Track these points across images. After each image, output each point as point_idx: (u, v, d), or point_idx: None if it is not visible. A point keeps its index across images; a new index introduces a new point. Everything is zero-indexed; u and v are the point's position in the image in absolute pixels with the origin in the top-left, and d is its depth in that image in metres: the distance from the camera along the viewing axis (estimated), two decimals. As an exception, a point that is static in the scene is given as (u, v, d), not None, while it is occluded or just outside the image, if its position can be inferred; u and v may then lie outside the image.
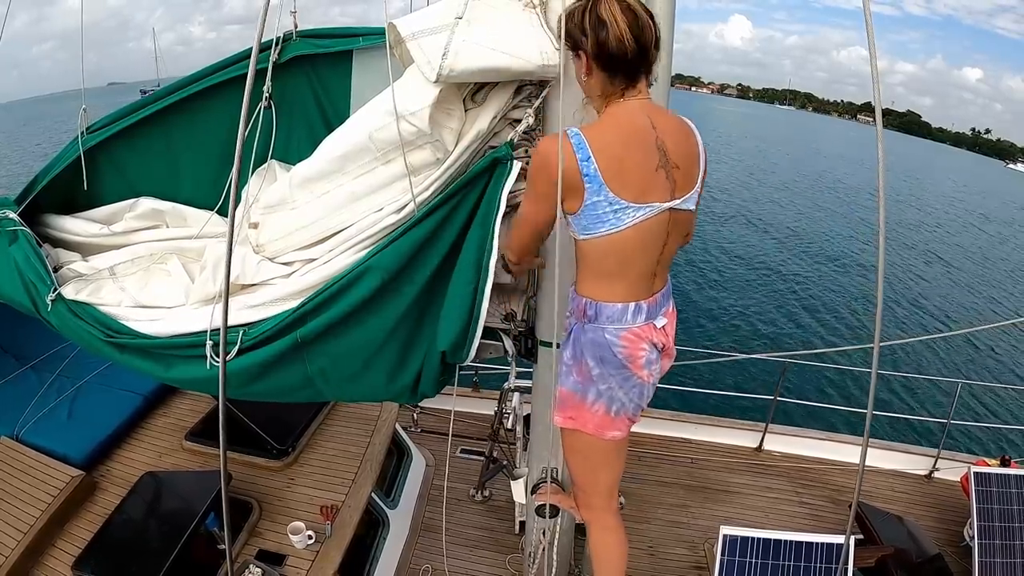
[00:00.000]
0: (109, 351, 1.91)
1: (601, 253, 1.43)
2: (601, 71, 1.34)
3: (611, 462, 1.77)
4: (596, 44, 1.30)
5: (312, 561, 2.74)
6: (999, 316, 14.81)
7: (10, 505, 2.76)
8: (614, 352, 1.49)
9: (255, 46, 1.06)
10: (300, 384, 1.84)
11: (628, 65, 1.33)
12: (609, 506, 1.85)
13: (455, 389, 4.74)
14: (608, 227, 1.36)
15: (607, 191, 1.32)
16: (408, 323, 1.74)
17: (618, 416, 1.59)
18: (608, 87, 1.37)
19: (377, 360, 1.78)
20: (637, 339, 1.49)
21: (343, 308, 1.68)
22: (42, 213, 2.25)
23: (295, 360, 1.78)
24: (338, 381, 1.84)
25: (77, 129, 2.20)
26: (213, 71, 2.16)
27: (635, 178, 1.34)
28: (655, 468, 4.53)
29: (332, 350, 1.77)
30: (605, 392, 1.55)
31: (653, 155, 1.35)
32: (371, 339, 1.74)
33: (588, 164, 1.31)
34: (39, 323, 1.97)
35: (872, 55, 1.05)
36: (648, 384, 1.57)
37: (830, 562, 2.93)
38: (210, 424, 3.47)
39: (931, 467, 4.63)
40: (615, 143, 1.33)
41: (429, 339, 1.76)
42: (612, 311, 1.48)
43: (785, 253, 18.67)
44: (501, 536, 3.86)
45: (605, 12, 1.27)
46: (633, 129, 1.35)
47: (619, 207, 1.34)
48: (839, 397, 9.36)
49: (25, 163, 27.74)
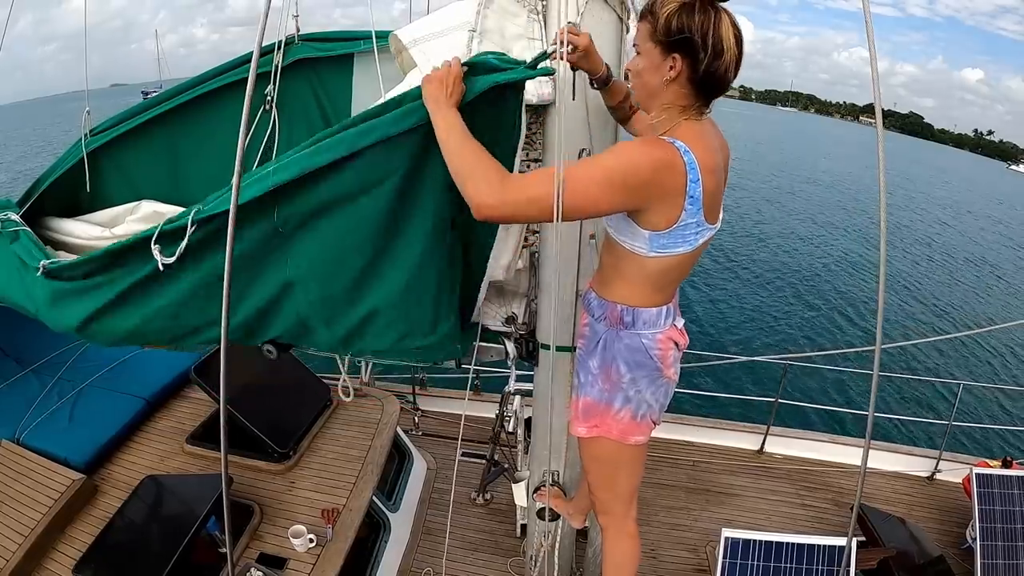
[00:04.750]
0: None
1: (667, 268, 1.40)
2: (693, 87, 1.27)
3: (633, 467, 1.76)
4: (708, 66, 1.22)
5: (313, 564, 2.74)
6: (1001, 318, 14.79)
7: (11, 508, 2.76)
8: (651, 355, 1.50)
9: (256, 49, 1.07)
10: (276, 294, 1.59)
11: (720, 91, 1.29)
12: (629, 513, 1.84)
13: (467, 393, 4.76)
14: (688, 247, 1.33)
15: (701, 215, 1.29)
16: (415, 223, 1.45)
17: (643, 420, 1.59)
18: (690, 102, 1.30)
19: (374, 275, 1.51)
20: (669, 340, 1.52)
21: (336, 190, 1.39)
22: (44, 216, 2.25)
23: (272, 251, 1.51)
24: (329, 302, 1.59)
25: (81, 131, 2.20)
26: (216, 74, 2.18)
27: (716, 202, 1.34)
28: (656, 470, 4.53)
29: (319, 245, 1.48)
30: (634, 397, 1.55)
31: (722, 178, 1.38)
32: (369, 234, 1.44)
33: (696, 187, 1.24)
34: (41, 326, 1.96)
35: (872, 56, 1.05)
36: (672, 383, 1.60)
37: (832, 564, 2.92)
38: (211, 428, 3.47)
39: (933, 469, 4.62)
40: (708, 163, 1.27)
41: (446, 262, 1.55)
42: (648, 316, 1.48)
43: (786, 255, 18.65)
44: (502, 539, 3.86)
45: (726, 36, 1.19)
46: (713, 153, 1.30)
47: (701, 229, 1.32)
48: (841, 399, 9.35)
49: (26, 164, 27.79)
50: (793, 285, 15.58)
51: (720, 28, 1.19)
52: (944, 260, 21.25)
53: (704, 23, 1.19)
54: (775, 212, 25.36)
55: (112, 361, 3.81)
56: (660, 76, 1.27)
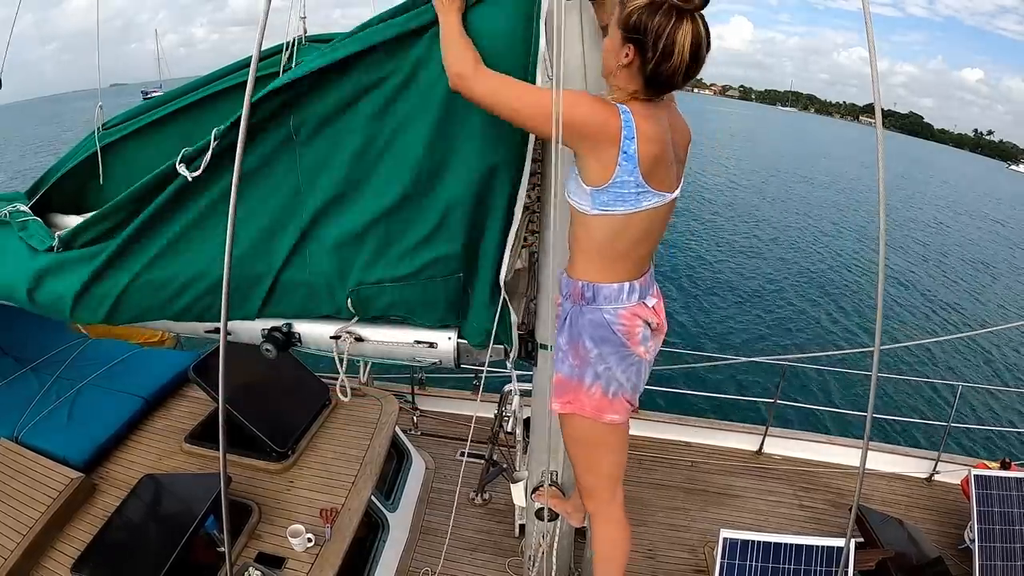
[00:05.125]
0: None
1: (612, 233, 1.47)
2: (642, 79, 1.36)
3: (612, 448, 1.77)
4: (655, 66, 1.31)
5: (312, 564, 2.74)
6: (1000, 319, 14.80)
7: (9, 507, 2.75)
8: (614, 330, 1.54)
9: (255, 50, 1.07)
10: (287, 204, 1.69)
11: (668, 88, 1.39)
12: (615, 498, 1.85)
13: (480, 395, 4.76)
14: (627, 207, 1.41)
15: (638, 173, 1.37)
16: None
17: (615, 397, 1.62)
18: (638, 89, 1.39)
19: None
20: (634, 316, 1.56)
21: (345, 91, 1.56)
22: (50, 212, 2.25)
23: (286, 155, 1.63)
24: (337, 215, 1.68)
25: (88, 128, 2.21)
26: (225, 74, 2.18)
27: (659, 169, 1.42)
28: (655, 471, 4.53)
29: (331, 152, 1.62)
30: (603, 373, 1.59)
31: (669, 150, 1.45)
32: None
33: (630, 143, 1.35)
34: (40, 324, 1.97)
35: (872, 56, 1.05)
36: (645, 361, 1.62)
37: (830, 565, 2.93)
38: (210, 427, 3.47)
39: (931, 470, 4.63)
40: (649, 132, 1.37)
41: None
42: (609, 291, 1.54)
43: (785, 256, 18.67)
44: (501, 539, 3.86)
45: (680, 43, 1.27)
46: (660, 126, 1.41)
47: (642, 191, 1.40)
48: (839, 400, 9.36)
49: (26, 164, 27.78)
50: (792, 286, 15.60)
51: (675, 34, 1.25)
52: (944, 261, 21.27)
53: (661, 27, 1.26)
54: (774, 213, 25.39)
55: (111, 360, 3.81)
56: (616, 60, 1.37)
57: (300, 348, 1.96)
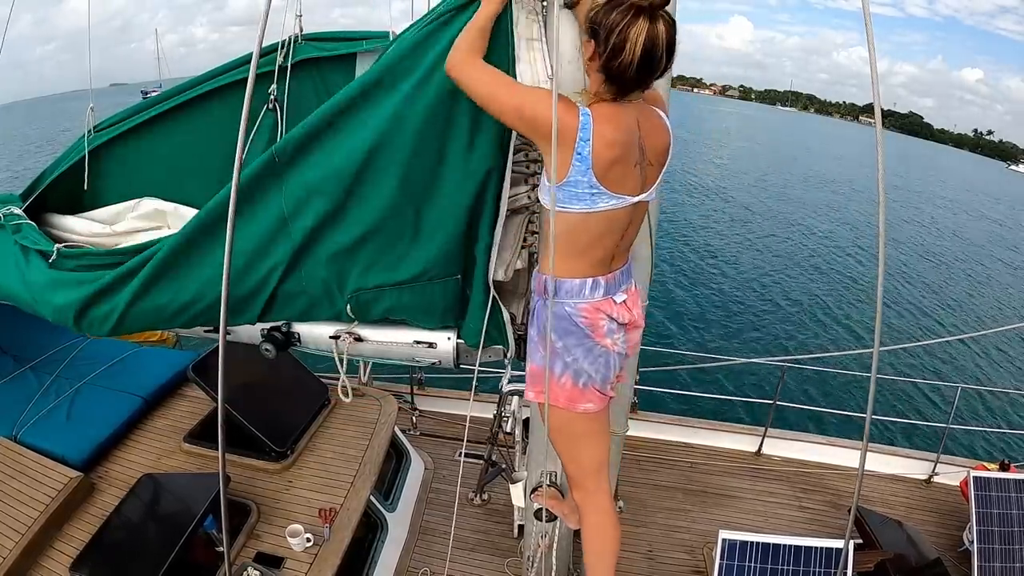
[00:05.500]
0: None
1: (570, 229, 1.49)
2: (602, 76, 1.38)
3: (591, 437, 1.79)
4: (606, 60, 1.33)
5: (310, 564, 2.74)
6: (999, 321, 14.81)
7: (8, 506, 2.75)
8: (576, 322, 1.57)
9: (256, 48, 1.07)
10: (276, 229, 1.68)
11: (625, 86, 1.38)
12: (600, 487, 1.85)
13: (473, 395, 4.76)
14: (583, 206, 1.43)
15: (592, 175, 1.39)
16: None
17: (586, 388, 1.64)
18: (602, 92, 1.41)
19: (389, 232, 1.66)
20: (596, 311, 1.58)
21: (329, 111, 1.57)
22: (45, 212, 2.25)
23: (271, 182, 1.62)
24: (326, 240, 1.69)
25: (84, 128, 2.21)
26: (219, 73, 2.18)
27: (617, 171, 1.42)
28: (654, 472, 4.53)
29: (315, 171, 1.60)
30: (571, 364, 1.61)
31: (634, 153, 1.45)
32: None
33: (584, 146, 1.37)
34: (39, 324, 1.98)
35: (872, 57, 1.05)
36: (613, 353, 1.63)
37: (829, 566, 2.93)
38: (209, 426, 3.47)
39: (930, 471, 4.63)
40: (607, 134, 1.38)
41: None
42: (571, 286, 1.56)
43: (784, 256, 18.68)
44: (500, 540, 3.86)
45: (632, 40, 1.28)
46: (623, 128, 1.42)
47: (596, 192, 1.42)
48: (838, 401, 9.36)
49: (25, 163, 27.76)
50: (791, 287, 15.60)
51: (628, 31, 1.27)
52: (943, 262, 21.29)
53: (615, 22, 1.28)
54: (773, 213, 25.39)
55: (110, 359, 3.81)
56: (585, 55, 1.41)
57: (299, 348, 1.96)
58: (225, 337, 1.20)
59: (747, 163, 41.81)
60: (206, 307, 1.79)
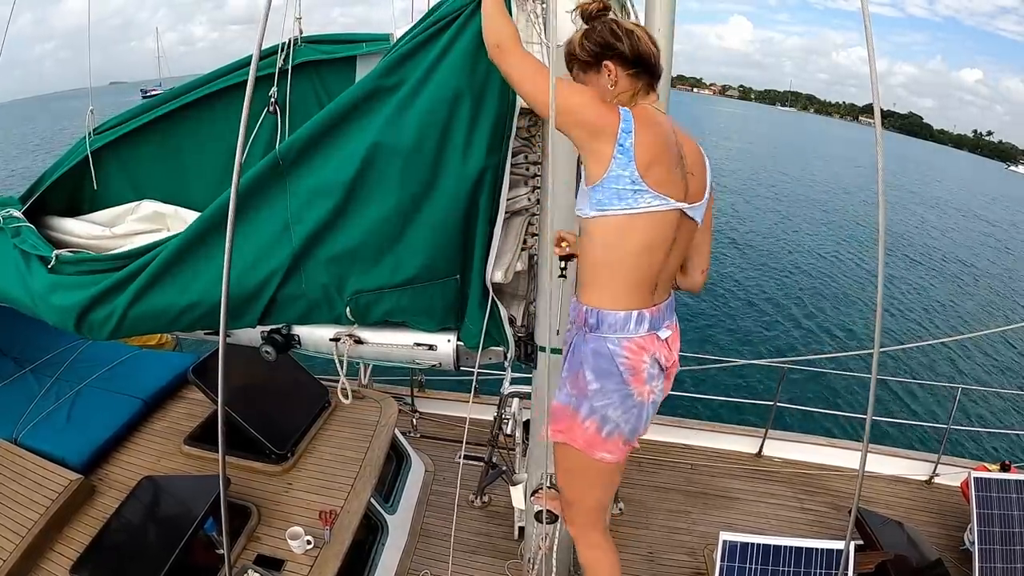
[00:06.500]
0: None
1: (612, 238, 1.41)
2: (631, 70, 1.43)
3: (600, 483, 1.71)
4: (632, 46, 1.40)
5: (311, 566, 2.74)
6: (999, 321, 14.80)
7: (8, 508, 2.75)
8: (617, 363, 1.45)
9: (255, 51, 1.07)
10: (278, 233, 1.70)
11: (654, 68, 1.45)
12: (594, 524, 1.80)
13: (472, 397, 4.75)
14: (624, 204, 1.36)
15: (634, 168, 1.34)
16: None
17: (609, 437, 1.53)
18: (636, 88, 1.45)
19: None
20: (640, 350, 1.46)
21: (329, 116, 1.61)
22: (45, 215, 2.26)
23: (273, 185, 1.66)
24: (328, 244, 1.71)
25: (85, 130, 2.21)
26: (220, 75, 2.19)
27: (660, 169, 1.37)
28: (655, 474, 4.53)
29: (319, 175, 1.64)
30: (599, 409, 1.50)
31: (675, 155, 1.41)
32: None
33: (627, 137, 1.34)
34: (39, 326, 1.97)
35: (871, 57, 1.05)
36: (648, 403, 1.52)
37: (830, 568, 2.92)
38: (209, 428, 3.47)
39: (931, 472, 4.63)
40: (649, 131, 1.37)
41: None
42: (615, 319, 1.45)
43: (785, 258, 18.67)
44: (500, 542, 3.85)
45: (628, 25, 1.42)
46: (661, 128, 1.42)
47: (639, 188, 1.35)
48: (839, 402, 9.35)
49: (23, 163, 27.75)
50: (792, 288, 15.59)
51: (620, 23, 1.43)
52: (943, 262, 21.26)
53: (618, 27, 1.43)
54: (773, 214, 25.38)
55: (110, 362, 3.81)
56: (607, 86, 1.48)
57: (299, 350, 1.96)
58: (225, 340, 1.20)
59: (747, 163, 41.79)
60: (206, 311, 1.79)
